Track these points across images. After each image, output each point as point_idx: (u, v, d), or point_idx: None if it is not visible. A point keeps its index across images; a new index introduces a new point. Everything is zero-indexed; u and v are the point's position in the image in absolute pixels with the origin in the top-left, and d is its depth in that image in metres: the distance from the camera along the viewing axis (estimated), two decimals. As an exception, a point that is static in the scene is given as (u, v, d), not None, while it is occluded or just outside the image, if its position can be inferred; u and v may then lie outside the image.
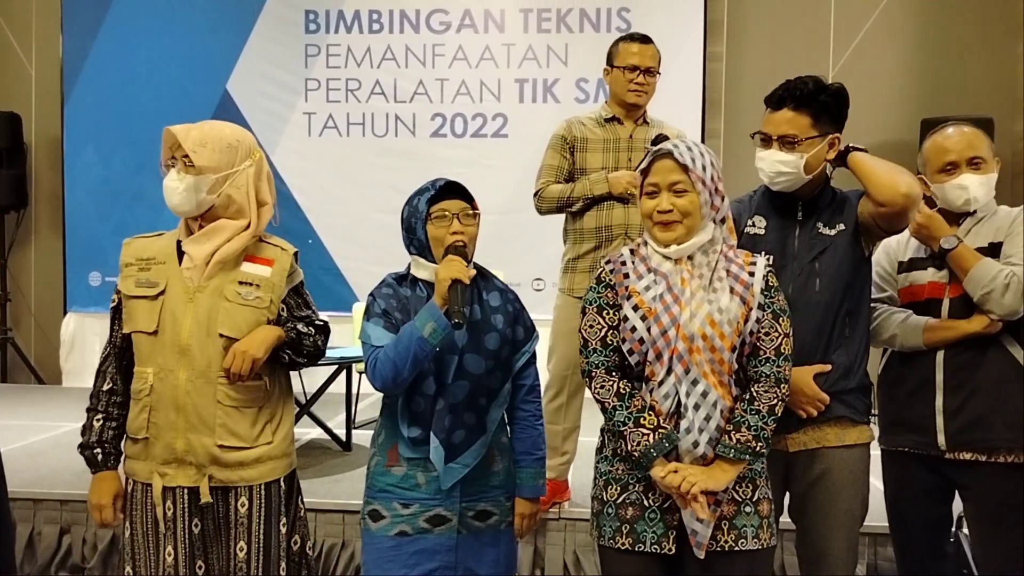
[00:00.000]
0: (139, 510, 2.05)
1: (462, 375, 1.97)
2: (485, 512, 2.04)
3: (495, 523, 2.05)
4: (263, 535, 2.05)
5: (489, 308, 2.05)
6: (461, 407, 1.97)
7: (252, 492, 2.05)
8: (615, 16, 5.95)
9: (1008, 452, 2.21)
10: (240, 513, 2.04)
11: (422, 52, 6.12)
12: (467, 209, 2.01)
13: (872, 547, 3.17)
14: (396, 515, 1.98)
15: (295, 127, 6.22)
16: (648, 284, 1.84)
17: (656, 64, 3.14)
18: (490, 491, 2.05)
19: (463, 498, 2.00)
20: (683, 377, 1.78)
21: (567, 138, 3.15)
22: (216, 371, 2.00)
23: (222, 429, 2.00)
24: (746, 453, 1.78)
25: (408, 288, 2.04)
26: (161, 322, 2.01)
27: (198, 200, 2.02)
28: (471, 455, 1.99)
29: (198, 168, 2.00)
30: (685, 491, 1.74)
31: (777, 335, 1.84)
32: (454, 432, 1.96)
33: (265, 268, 2.08)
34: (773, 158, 2.15)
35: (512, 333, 2.06)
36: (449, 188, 2.01)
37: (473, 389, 1.98)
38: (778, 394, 1.82)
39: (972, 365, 2.23)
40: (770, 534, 1.85)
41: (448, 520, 1.98)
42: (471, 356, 1.98)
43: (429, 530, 1.97)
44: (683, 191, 1.83)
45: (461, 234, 1.98)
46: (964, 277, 2.20)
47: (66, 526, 3.44)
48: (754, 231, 2.22)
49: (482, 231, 2.06)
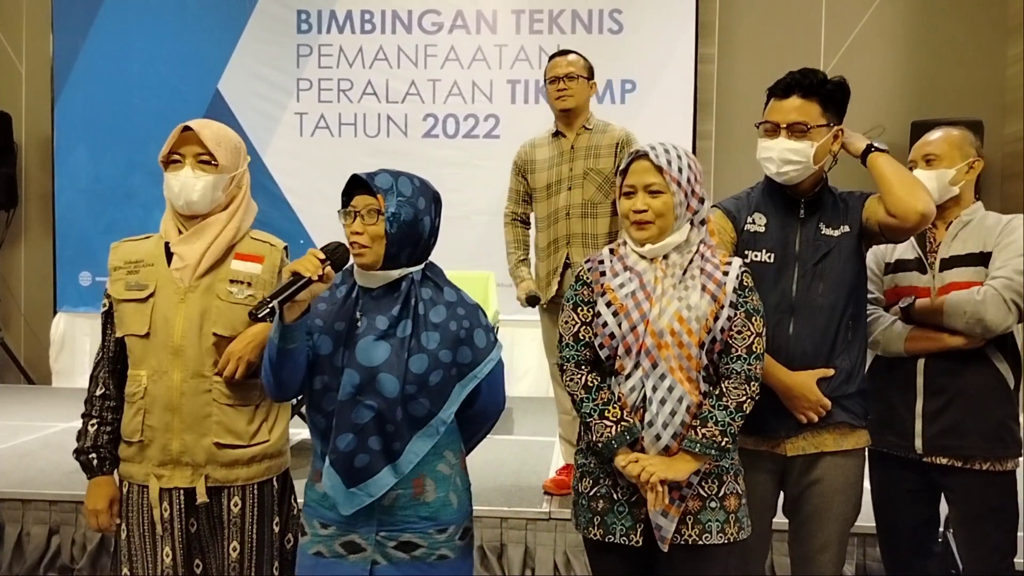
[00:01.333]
0: (135, 512, 2.04)
1: (371, 394, 1.74)
2: (410, 543, 1.80)
3: (422, 555, 1.81)
4: (256, 534, 2.05)
5: (425, 324, 1.79)
6: (367, 430, 1.74)
7: (245, 492, 2.05)
8: (607, 18, 5.96)
9: (983, 460, 2.24)
10: (233, 513, 2.03)
11: (414, 53, 6.12)
12: (372, 205, 1.78)
13: (861, 547, 3.18)
14: (316, 534, 1.84)
15: (287, 127, 6.21)
16: (623, 282, 1.89)
17: (578, 70, 3.30)
18: (416, 522, 1.81)
19: (380, 527, 1.79)
20: (650, 372, 1.83)
21: (518, 164, 3.48)
22: (210, 370, 2.00)
23: (219, 427, 2.00)
24: (711, 448, 1.80)
25: (346, 286, 1.87)
26: (153, 324, 2.00)
27: (214, 198, 2.02)
28: (375, 484, 1.75)
29: (221, 166, 2.01)
30: (644, 480, 1.78)
31: (749, 334, 1.86)
32: (356, 456, 1.74)
33: (255, 265, 2.07)
34: (782, 147, 2.10)
35: (452, 356, 1.80)
36: (356, 183, 1.82)
37: (381, 412, 1.74)
38: (747, 391, 1.84)
39: (953, 372, 2.26)
40: (737, 528, 1.88)
41: (362, 549, 1.80)
42: (386, 376, 1.74)
43: (344, 556, 1.80)
44: (658, 192, 1.87)
45: (360, 234, 1.78)
46: (943, 319, 2.23)
47: (55, 527, 3.43)
48: (755, 228, 2.20)
49: (474, 232, 2.06)
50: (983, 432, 2.23)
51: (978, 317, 2.18)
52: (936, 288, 2.29)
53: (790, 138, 2.11)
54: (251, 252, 2.09)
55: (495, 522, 3.28)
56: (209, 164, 2.00)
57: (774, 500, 2.24)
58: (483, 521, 3.22)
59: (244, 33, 6.17)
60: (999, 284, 2.18)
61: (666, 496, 1.80)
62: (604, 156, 3.25)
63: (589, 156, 3.27)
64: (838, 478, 2.15)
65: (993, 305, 2.17)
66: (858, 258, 2.17)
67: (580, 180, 3.27)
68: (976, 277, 2.25)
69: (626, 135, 3.29)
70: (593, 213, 3.26)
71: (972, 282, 2.24)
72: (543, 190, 3.35)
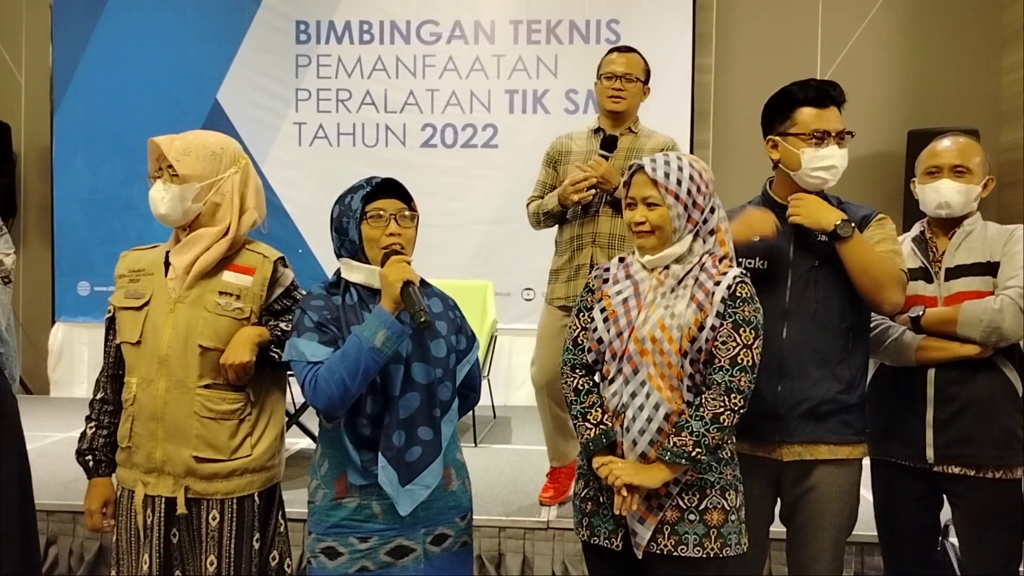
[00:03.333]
0: (125, 516, 2.06)
1: (411, 386, 1.81)
2: (441, 535, 1.88)
3: (449, 546, 1.89)
4: (234, 550, 2.03)
5: (432, 314, 1.87)
6: (415, 421, 1.80)
7: (224, 506, 2.03)
8: (604, 28, 5.99)
9: (996, 468, 2.23)
10: (211, 527, 2.02)
11: (412, 63, 6.14)
12: (404, 210, 1.85)
13: (859, 556, 3.18)
14: (354, 551, 1.81)
15: (285, 137, 6.22)
16: (620, 289, 1.92)
17: (637, 72, 3.21)
18: (446, 513, 1.89)
19: (424, 523, 1.84)
20: (631, 378, 1.85)
21: (552, 155, 3.33)
22: (194, 382, 1.99)
23: (198, 440, 1.99)
24: (681, 457, 1.79)
25: (339, 296, 1.87)
26: (144, 332, 2.02)
27: (184, 209, 2.02)
28: (431, 475, 1.81)
29: (182, 177, 2.00)
30: (611, 483, 1.81)
31: (735, 345, 1.83)
32: (408, 450, 1.79)
33: (246, 277, 2.06)
34: (839, 155, 2.14)
35: (456, 341, 1.94)
36: (386, 186, 1.86)
37: (425, 400, 1.82)
38: (726, 403, 1.81)
39: (963, 381, 2.25)
40: (720, 544, 1.84)
41: (412, 550, 1.83)
42: (419, 365, 1.82)
43: (392, 563, 1.81)
44: (655, 204, 1.88)
45: (398, 236, 1.84)
46: (956, 329, 2.22)
47: (53, 537, 3.42)
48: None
49: (472, 241, 2.07)
50: (994, 440, 2.22)
51: (995, 326, 2.18)
52: (943, 297, 2.29)
53: (840, 146, 2.15)
54: (244, 264, 2.08)
55: (493, 531, 3.27)
56: (176, 176, 2.01)
57: (770, 507, 2.25)
58: (481, 530, 3.22)
59: (243, 44, 6.19)
60: (1014, 293, 2.19)
61: (634, 502, 1.81)
62: None
63: (629, 158, 3.09)
64: (832, 486, 2.15)
65: (1011, 314, 2.17)
66: None
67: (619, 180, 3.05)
68: (983, 286, 2.25)
69: (672, 144, 3.21)
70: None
71: (980, 291, 2.24)
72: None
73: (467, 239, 5.92)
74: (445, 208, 5.83)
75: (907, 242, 2.41)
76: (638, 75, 3.22)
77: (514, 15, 6.07)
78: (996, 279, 2.25)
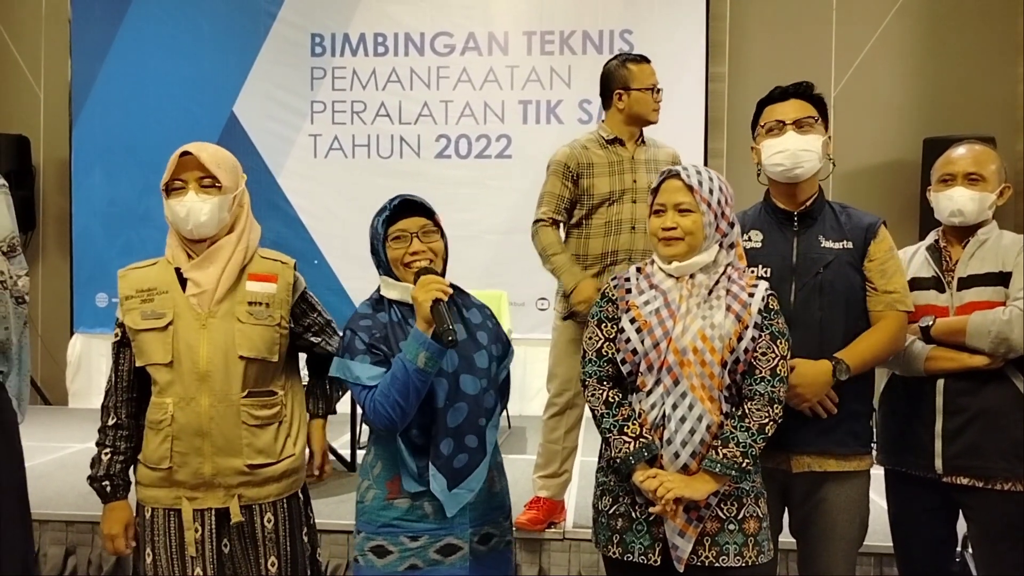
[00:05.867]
0: (162, 535, 2.03)
1: (460, 397, 1.88)
2: (488, 535, 1.97)
3: (495, 544, 1.99)
4: (290, 548, 2.08)
5: (473, 326, 1.98)
6: (462, 430, 1.88)
7: (276, 507, 2.07)
8: (617, 38, 6.00)
9: (1004, 480, 2.21)
10: (267, 529, 2.05)
11: (427, 74, 6.17)
12: (427, 226, 1.92)
13: (878, 567, 3.15)
14: (404, 549, 1.89)
15: (301, 149, 6.26)
16: (648, 299, 1.90)
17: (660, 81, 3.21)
18: (491, 513, 1.99)
19: (471, 523, 1.93)
20: (671, 389, 1.82)
21: (570, 166, 3.08)
22: (237, 394, 2.01)
23: (249, 449, 2.02)
24: (731, 468, 1.79)
25: (385, 312, 1.95)
26: (176, 352, 2.00)
27: (220, 220, 2.02)
28: (475, 479, 1.91)
29: (224, 188, 2.01)
30: (661, 496, 1.78)
31: (774, 356, 1.85)
32: (456, 457, 1.88)
33: (270, 285, 2.08)
34: (794, 141, 2.14)
35: (496, 349, 2.00)
36: (407, 206, 1.92)
37: (472, 410, 1.90)
38: (770, 414, 1.83)
39: (972, 392, 2.23)
40: (756, 552, 1.85)
41: (460, 548, 1.91)
42: (466, 377, 1.90)
43: (441, 561, 1.89)
44: (687, 211, 1.88)
45: (423, 253, 1.90)
46: (965, 339, 2.21)
47: (71, 547, 3.45)
48: (751, 245, 2.22)
49: (486, 251, 2.08)
50: (1003, 452, 2.20)
51: (1004, 337, 2.16)
52: (954, 307, 2.27)
53: (798, 132, 2.15)
54: (264, 272, 2.09)
55: (509, 542, 3.27)
56: (213, 187, 2.00)
57: (779, 517, 2.23)
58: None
59: (259, 57, 6.24)
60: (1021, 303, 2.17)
61: (678, 515, 1.80)
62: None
63: (651, 170, 3.09)
64: (840, 497, 2.14)
65: (1020, 325, 2.14)
66: (861, 274, 2.16)
67: (645, 194, 3.00)
68: (995, 297, 2.23)
69: (677, 156, 3.22)
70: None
71: (992, 302, 2.22)
72: (602, 196, 3.06)
73: (481, 249, 5.92)
74: (459, 219, 5.83)
75: (921, 251, 2.40)
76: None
77: (527, 26, 6.10)
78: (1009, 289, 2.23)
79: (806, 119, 2.16)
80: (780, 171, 2.18)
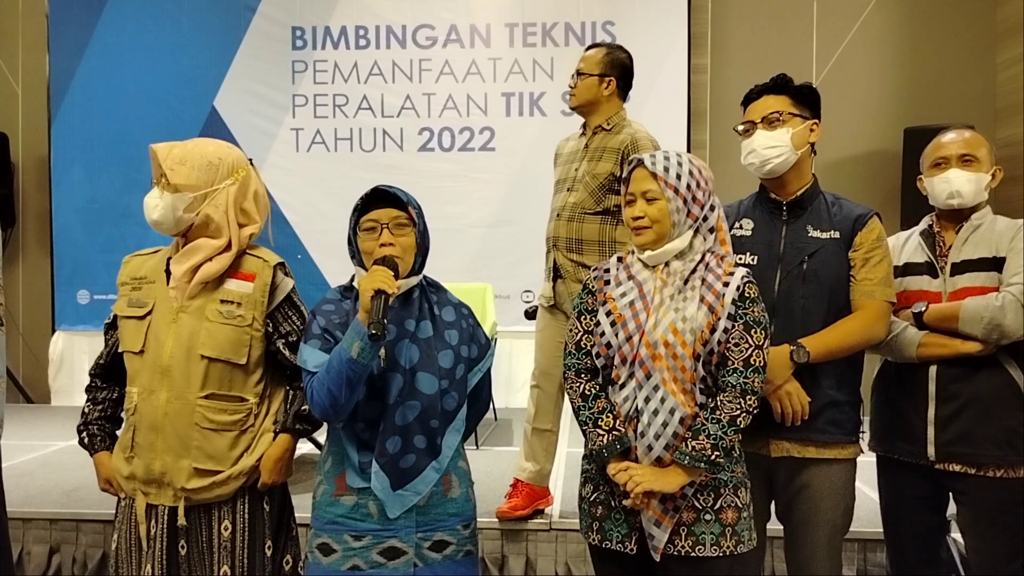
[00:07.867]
0: (125, 524, 2.05)
1: (414, 395, 1.82)
2: (442, 542, 1.88)
3: (451, 553, 1.89)
4: (247, 559, 2.02)
5: (443, 323, 1.92)
6: (411, 430, 1.81)
7: (236, 515, 2.02)
8: (600, 30, 6.00)
9: (996, 467, 2.21)
10: (223, 537, 2.01)
11: (409, 67, 6.15)
12: (400, 217, 1.86)
13: (862, 553, 3.18)
14: (348, 548, 1.83)
15: (283, 143, 6.23)
16: (624, 291, 1.91)
17: (586, 66, 3.17)
18: (446, 519, 1.89)
19: (418, 528, 1.85)
20: (644, 382, 1.83)
21: (555, 154, 3.36)
22: (195, 393, 1.98)
23: (198, 451, 1.98)
24: (700, 461, 1.79)
25: (351, 301, 1.91)
26: (146, 342, 2.00)
27: (175, 218, 1.99)
28: (423, 481, 1.83)
29: (175, 186, 1.98)
30: (631, 489, 1.79)
31: (747, 346, 1.83)
32: (403, 456, 1.81)
33: (247, 284, 2.04)
34: (760, 140, 2.18)
35: (468, 351, 1.94)
36: (380, 196, 1.87)
37: (425, 410, 1.82)
38: (742, 405, 1.82)
39: (965, 378, 2.22)
40: (735, 542, 1.85)
41: (404, 553, 1.83)
42: (424, 375, 1.83)
43: (383, 564, 1.82)
44: (654, 199, 1.89)
45: (391, 247, 1.83)
46: (958, 325, 2.19)
47: (55, 545, 3.42)
48: (740, 233, 2.23)
49: (471, 244, 2.06)
50: (995, 439, 2.19)
51: (996, 323, 2.14)
52: (947, 293, 2.25)
53: (766, 129, 2.18)
54: (245, 270, 2.06)
55: (496, 533, 3.28)
56: (169, 184, 1.99)
57: (765, 504, 2.24)
58: (484, 532, 3.22)
59: (239, 51, 6.20)
60: (1017, 290, 2.15)
61: (651, 506, 1.81)
62: (604, 160, 3.07)
63: (595, 158, 3.10)
64: (824, 484, 2.15)
65: (1012, 311, 2.14)
66: (848, 263, 2.16)
67: (579, 183, 3.11)
68: (988, 282, 2.22)
69: (631, 140, 3.06)
70: (580, 218, 3.08)
71: (985, 287, 2.21)
72: (556, 185, 3.26)
73: (466, 242, 5.92)
74: (443, 212, 5.82)
75: (914, 236, 2.39)
76: (588, 70, 3.14)
77: (509, 18, 6.08)
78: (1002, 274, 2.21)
79: (773, 114, 2.17)
80: (754, 171, 2.23)
